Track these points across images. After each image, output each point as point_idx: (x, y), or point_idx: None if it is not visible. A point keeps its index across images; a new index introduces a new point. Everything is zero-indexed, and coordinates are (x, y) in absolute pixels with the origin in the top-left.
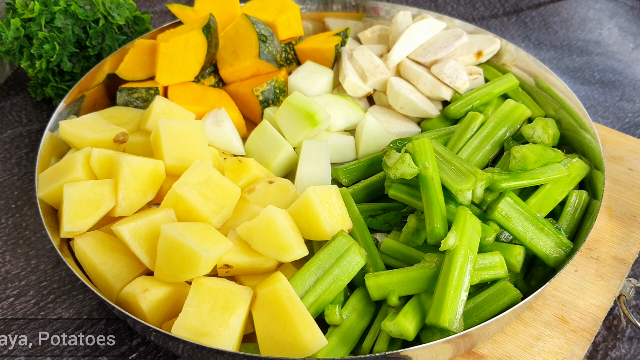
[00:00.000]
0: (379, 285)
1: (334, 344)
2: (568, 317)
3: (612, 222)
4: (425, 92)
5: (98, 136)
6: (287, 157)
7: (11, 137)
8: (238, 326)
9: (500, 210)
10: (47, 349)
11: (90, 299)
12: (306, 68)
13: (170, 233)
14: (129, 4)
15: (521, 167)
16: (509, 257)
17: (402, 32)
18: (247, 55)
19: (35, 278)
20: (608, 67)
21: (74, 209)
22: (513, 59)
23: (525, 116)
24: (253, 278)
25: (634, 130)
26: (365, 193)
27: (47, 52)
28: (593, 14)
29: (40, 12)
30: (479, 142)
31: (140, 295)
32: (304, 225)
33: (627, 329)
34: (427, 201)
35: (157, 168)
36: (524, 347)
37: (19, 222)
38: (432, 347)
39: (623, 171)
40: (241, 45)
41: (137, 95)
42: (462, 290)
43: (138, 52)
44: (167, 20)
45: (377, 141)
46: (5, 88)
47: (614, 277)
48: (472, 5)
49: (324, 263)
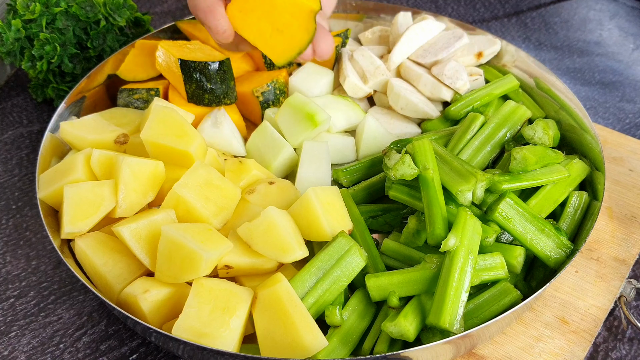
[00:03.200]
0: (380, 286)
1: (334, 345)
2: (568, 318)
3: (613, 223)
4: (426, 93)
5: (98, 137)
6: (288, 158)
7: (12, 138)
8: (238, 327)
9: (500, 211)
10: (48, 349)
11: (90, 299)
12: (307, 69)
13: (170, 234)
14: (129, 5)
15: (522, 168)
16: (509, 258)
17: (402, 33)
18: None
19: (35, 279)
20: (608, 68)
21: (74, 209)
22: (513, 60)
23: (525, 117)
24: (253, 279)
25: (635, 131)
26: (366, 194)
27: (48, 53)
28: (593, 14)
29: (41, 13)
30: (479, 143)
31: (141, 296)
32: (305, 226)
33: (627, 330)
34: (427, 202)
35: (157, 169)
36: (524, 348)
37: (19, 223)
38: (433, 348)
39: (623, 172)
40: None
41: (138, 96)
42: (463, 291)
43: (139, 53)
44: (167, 22)
45: (377, 142)
46: (6, 89)
47: (615, 278)
48: (472, 7)
49: (324, 264)
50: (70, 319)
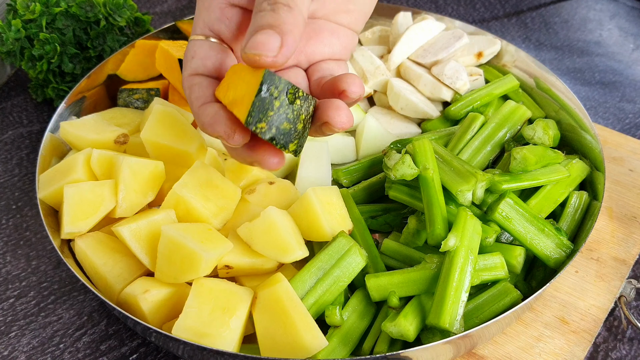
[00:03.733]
0: (380, 286)
1: (334, 345)
2: (568, 318)
3: (613, 223)
4: (426, 93)
5: (98, 137)
6: (288, 158)
7: (12, 138)
8: (238, 327)
9: (500, 211)
10: (48, 350)
11: (90, 300)
12: None
13: (170, 234)
14: (129, 5)
15: (522, 168)
16: (509, 258)
17: (402, 33)
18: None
19: (35, 279)
20: (608, 68)
21: (74, 209)
22: (513, 60)
23: (525, 117)
24: (253, 279)
25: (635, 131)
26: (366, 194)
27: (48, 53)
28: (593, 14)
29: (41, 14)
30: (479, 143)
31: (141, 296)
32: (305, 226)
33: (627, 330)
34: (427, 202)
35: (157, 169)
36: (524, 348)
37: (19, 223)
38: (433, 348)
39: (623, 172)
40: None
41: (138, 96)
42: (463, 291)
43: (139, 53)
44: (167, 22)
45: (377, 142)
46: (5, 89)
47: (615, 278)
48: (472, 7)
49: (324, 264)
50: (70, 319)
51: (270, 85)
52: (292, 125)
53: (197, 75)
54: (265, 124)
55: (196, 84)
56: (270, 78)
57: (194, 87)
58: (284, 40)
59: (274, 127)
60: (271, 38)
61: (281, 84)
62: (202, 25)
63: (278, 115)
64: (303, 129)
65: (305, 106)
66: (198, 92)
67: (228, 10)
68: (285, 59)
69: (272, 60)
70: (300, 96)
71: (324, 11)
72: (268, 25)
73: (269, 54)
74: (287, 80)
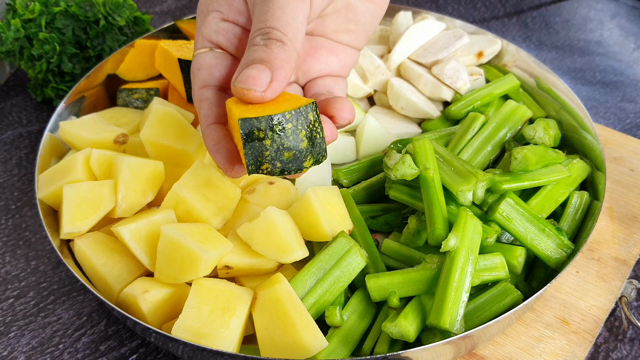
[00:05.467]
0: (380, 286)
1: (334, 346)
2: (569, 318)
3: (614, 223)
4: (426, 92)
5: (98, 137)
6: None
7: (11, 138)
8: (238, 327)
9: (501, 211)
10: (47, 350)
11: (90, 300)
12: None
13: (170, 234)
14: (129, 5)
15: (522, 168)
16: (510, 258)
17: (402, 33)
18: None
19: (35, 279)
20: (609, 68)
21: (73, 209)
22: (514, 60)
23: (526, 117)
24: (253, 279)
25: (635, 131)
26: (366, 194)
27: (48, 53)
28: (594, 14)
29: (40, 13)
30: (480, 143)
31: (140, 297)
32: (305, 226)
33: (628, 330)
34: (427, 202)
35: (156, 169)
36: (525, 348)
37: (18, 223)
38: (433, 348)
39: (624, 172)
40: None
41: (137, 96)
42: (463, 292)
43: (138, 52)
44: (167, 21)
45: (377, 142)
46: (5, 89)
47: (615, 279)
48: (472, 6)
49: (324, 264)
50: (69, 319)
51: (251, 130)
52: (295, 150)
53: (206, 88)
54: (267, 164)
55: (205, 99)
56: (247, 123)
57: (203, 102)
58: (274, 75)
59: (277, 162)
60: (262, 73)
61: (262, 122)
62: (202, 39)
63: (275, 151)
64: (311, 141)
65: (301, 121)
66: (207, 109)
67: (223, 24)
68: (274, 94)
69: (261, 95)
70: (288, 119)
71: (323, 30)
72: (259, 60)
73: (258, 88)
74: (266, 115)
